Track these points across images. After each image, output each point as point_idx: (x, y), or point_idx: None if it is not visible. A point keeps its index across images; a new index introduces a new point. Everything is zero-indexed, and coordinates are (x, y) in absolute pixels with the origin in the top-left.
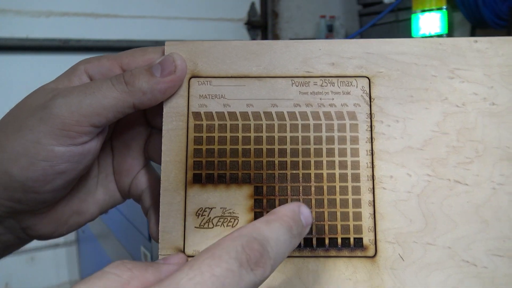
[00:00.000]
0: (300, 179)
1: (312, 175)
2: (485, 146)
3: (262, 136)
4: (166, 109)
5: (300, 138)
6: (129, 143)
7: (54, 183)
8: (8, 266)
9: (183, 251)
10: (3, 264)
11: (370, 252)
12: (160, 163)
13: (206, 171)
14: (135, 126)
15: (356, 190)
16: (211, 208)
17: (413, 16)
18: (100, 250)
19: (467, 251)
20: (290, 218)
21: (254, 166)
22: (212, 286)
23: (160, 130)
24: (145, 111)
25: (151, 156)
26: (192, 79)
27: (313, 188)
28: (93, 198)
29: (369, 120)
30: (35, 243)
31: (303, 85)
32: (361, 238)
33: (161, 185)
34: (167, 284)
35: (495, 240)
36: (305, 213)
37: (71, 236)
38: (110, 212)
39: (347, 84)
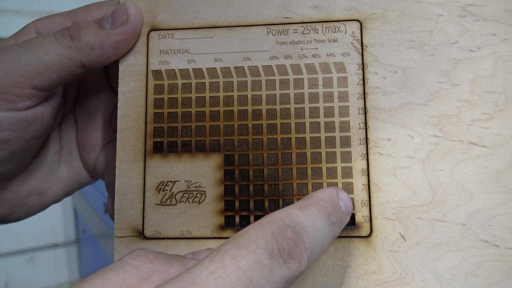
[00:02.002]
0: (279, 145)
1: (293, 140)
2: (507, 98)
3: (233, 96)
4: (121, 68)
5: (278, 96)
6: (93, 113)
7: None
8: (8, 266)
9: (142, 232)
10: (3, 264)
11: (364, 231)
12: None
13: (168, 138)
14: (98, 94)
15: (346, 157)
16: (174, 182)
17: None
18: (100, 250)
19: (486, 228)
20: (328, 203)
21: (223, 132)
22: (237, 281)
23: None
24: (108, 76)
25: None
26: (152, 33)
27: (294, 156)
28: (56, 177)
29: (361, 71)
30: (35, 243)
31: (281, 34)
32: (353, 214)
33: (116, 156)
34: (184, 279)
35: None
36: (345, 198)
37: (71, 236)
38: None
39: (334, 30)
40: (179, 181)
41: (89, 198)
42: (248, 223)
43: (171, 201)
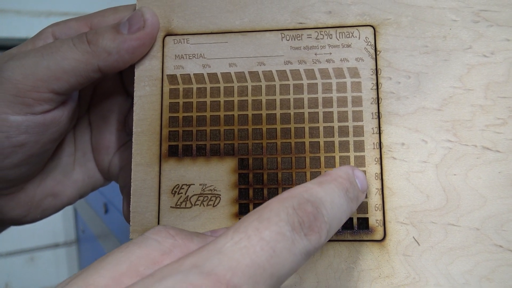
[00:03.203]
0: (293, 149)
1: (307, 145)
2: None
3: (248, 100)
4: (137, 73)
5: (292, 101)
6: (107, 116)
7: (14, 158)
8: (8, 266)
9: None
10: (3, 264)
11: (378, 235)
12: None
13: (183, 142)
14: (113, 97)
15: (360, 161)
16: (189, 185)
17: None
18: (100, 250)
19: (500, 233)
20: (345, 179)
21: (238, 136)
22: (261, 251)
23: None
24: (123, 79)
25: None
26: (167, 38)
27: (308, 160)
28: (70, 179)
29: (374, 76)
30: (35, 243)
31: (295, 39)
32: (366, 219)
33: (132, 160)
34: (210, 249)
35: None
36: (360, 177)
37: (71, 236)
38: (110, 212)
39: (348, 35)
40: (194, 184)
41: (89, 198)
42: None
43: (186, 204)
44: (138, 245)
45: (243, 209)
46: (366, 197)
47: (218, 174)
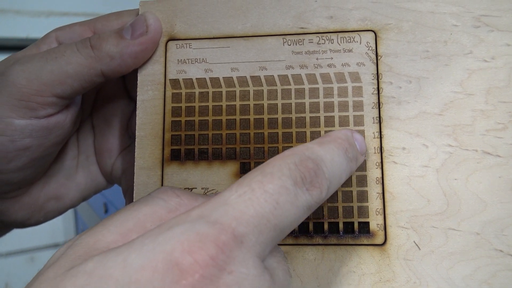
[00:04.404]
0: None
1: None
2: None
3: (249, 105)
4: (140, 77)
5: (293, 105)
6: (110, 120)
7: (18, 161)
8: (8, 266)
9: None
10: (3, 264)
11: (379, 239)
12: None
13: (186, 146)
14: (116, 101)
15: (361, 165)
16: (191, 189)
17: None
18: None
19: (500, 238)
20: (344, 140)
21: (240, 140)
22: (265, 203)
23: None
24: (125, 83)
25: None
26: (170, 42)
27: None
28: (73, 182)
29: (375, 81)
30: (35, 243)
31: (296, 44)
32: (367, 223)
33: (135, 163)
34: (215, 202)
35: None
36: (359, 139)
37: (71, 236)
38: (110, 212)
39: (349, 40)
40: (196, 188)
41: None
42: None
43: None
44: (144, 203)
45: None
46: (367, 201)
47: (220, 178)
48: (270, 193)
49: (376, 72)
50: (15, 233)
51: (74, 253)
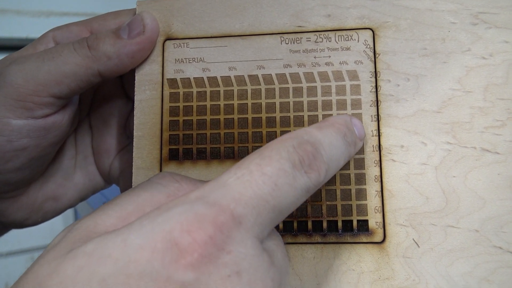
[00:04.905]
0: None
1: None
2: None
3: (247, 104)
4: (137, 77)
5: (291, 104)
6: (107, 120)
7: (16, 161)
8: (8, 266)
9: None
10: (3, 264)
11: (378, 237)
12: None
13: (184, 146)
14: (113, 101)
15: (359, 163)
16: None
17: None
18: None
19: (499, 235)
20: (342, 125)
21: (238, 139)
22: (264, 185)
23: None
24: (123, 83)
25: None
26: (167, 42)
27: None
28: (71, 182)
29: (373, 79)
30: (35, 243)
31: (294, 42)
32: (366, 221)
33: (133, 163)
34: (213, 184)
35: None
36: (358, 125)
37: None
38: None
39: (347, 38)
40: None
41: (89, 199)
42: None
43: None
44: (144, 188)
45: None
46: (366, 199)
47: None
48: (269, 175)
49: (374, 70)
50: (15, 233)
51: (74, 236)
